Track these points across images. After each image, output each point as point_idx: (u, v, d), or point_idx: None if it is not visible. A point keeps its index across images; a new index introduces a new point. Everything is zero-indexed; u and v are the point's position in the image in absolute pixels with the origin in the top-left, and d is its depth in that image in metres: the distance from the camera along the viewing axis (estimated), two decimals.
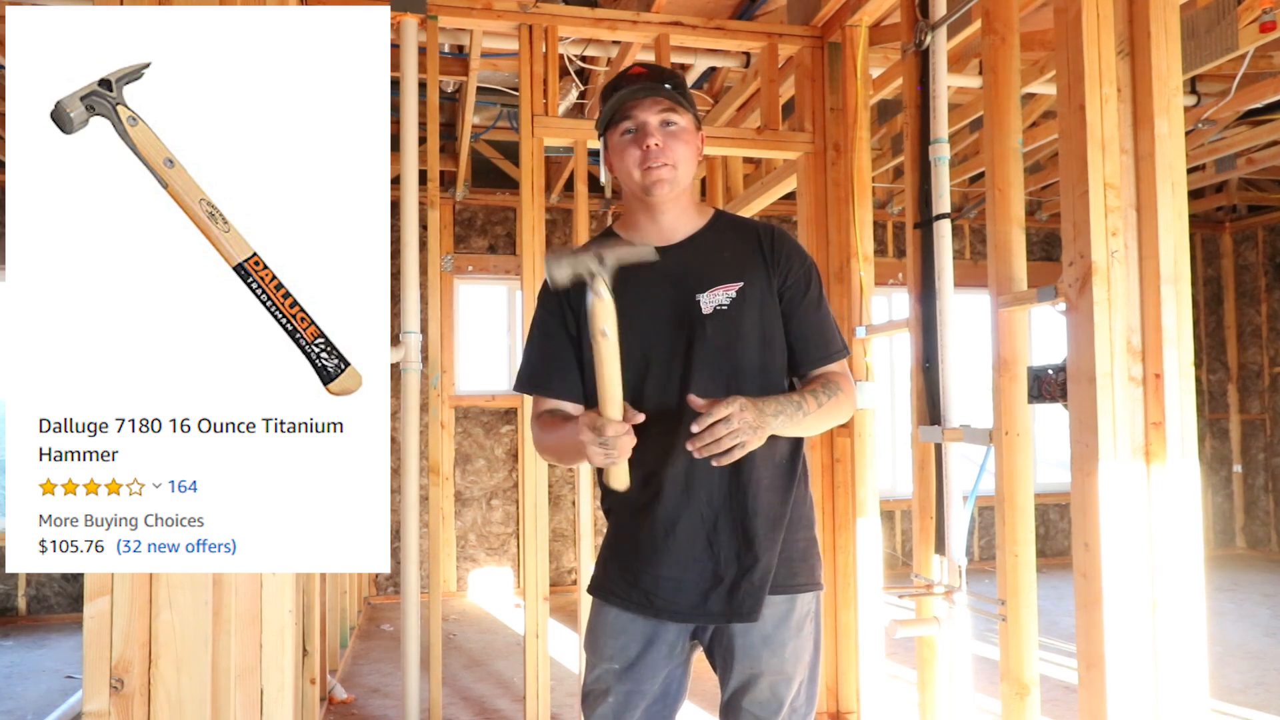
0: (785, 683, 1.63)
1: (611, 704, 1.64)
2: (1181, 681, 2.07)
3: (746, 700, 1.63)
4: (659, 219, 1.65)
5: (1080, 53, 2.15)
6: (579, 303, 1.52)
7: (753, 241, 1.67)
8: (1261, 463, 7.20)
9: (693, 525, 1.58)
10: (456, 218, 6.29)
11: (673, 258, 1.63)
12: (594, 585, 1.70)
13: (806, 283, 1.66)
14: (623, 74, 1.62)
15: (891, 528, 6.73)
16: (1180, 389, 2.10)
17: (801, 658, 1.64)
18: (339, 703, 3.85)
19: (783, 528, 1.63)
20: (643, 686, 1.63)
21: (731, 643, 1.62)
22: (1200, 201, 6.99)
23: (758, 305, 1.61)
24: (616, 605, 1.64)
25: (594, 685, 1.67)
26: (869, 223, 3.49)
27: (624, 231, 1.70)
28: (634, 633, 1.63)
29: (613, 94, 1.60)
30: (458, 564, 6.16)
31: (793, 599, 1.63)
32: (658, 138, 1.58)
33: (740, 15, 3.89)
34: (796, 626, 1.64)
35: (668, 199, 1.62)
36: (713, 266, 1.63)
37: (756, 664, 1.62)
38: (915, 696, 3.22)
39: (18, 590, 5.47)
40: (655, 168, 1.58)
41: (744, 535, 1.59)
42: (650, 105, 1.58)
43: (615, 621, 1.65)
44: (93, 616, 1.75)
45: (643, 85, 1.57)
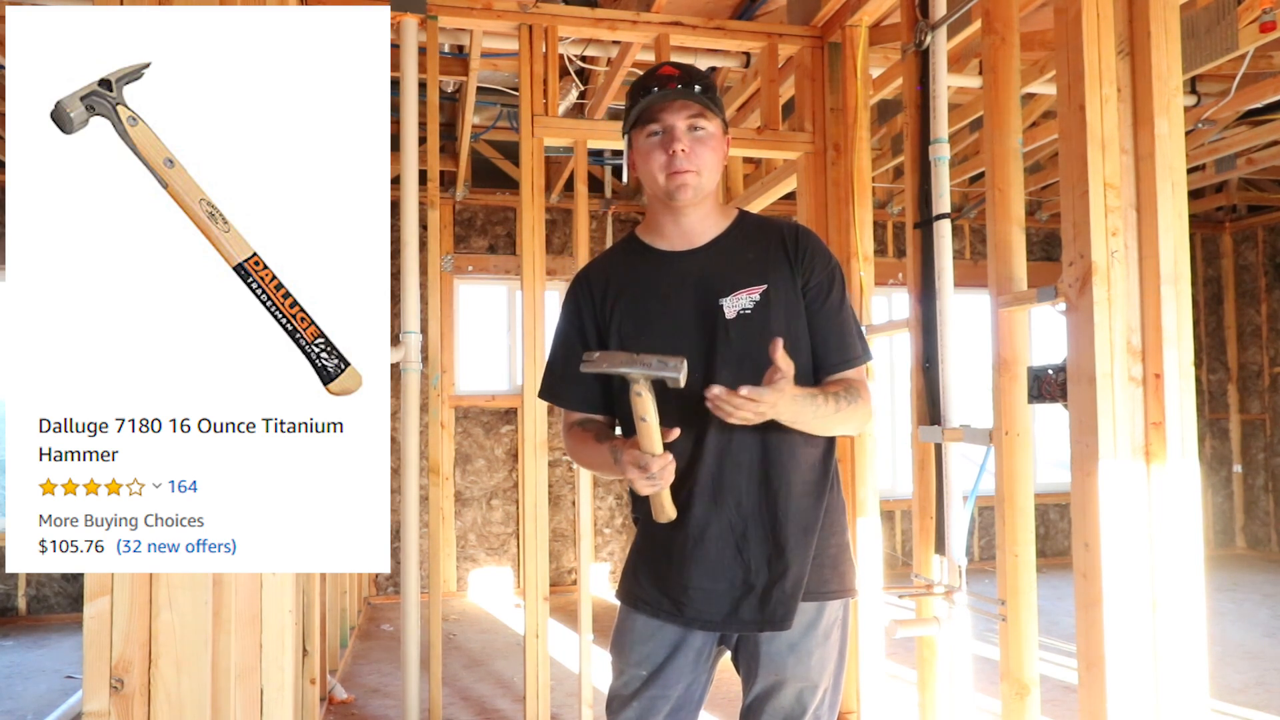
0: (810, 690, 1.61)
1: (636, 708, 1.63)
2: (1181, 681, 2.07)
3: (770, 707, 1.62)
4: (681, 222, 1.64)
5: (1080, 53, 2.15)
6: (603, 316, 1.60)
7: (776, 242, 1.65)
8: (1261, 463, 7.20)
9: (722, 533, 1.56)
10: (456, 218, 6.29)
11: (696, 261, 1.63)
12: (622, 593, 1.69)
13: (829, 285, 1.63)
14: (653, 73, 1.59)
15: (891, 528, 6.73)
16: (1180, 389, 2.10)
17: (827, 666, 1.62)
18: (339, 703, 3.85)
19: (815, 534, 1.60)
20: (668, 692, 1.62)
21: (757, 649, 1.61)
22: (1200, 201, 6.99)
23: (782, 307, 1.59)
24: (645, 613, 1.63)
25: (621, 690, 1.66)
26: (869, 223, 3.49)
27: (646, 236, 1.69)
28: (661, 639, 1.62)
29: (641, 93, 1.57)
30: (458, 564, 6.16)
31: (822, 606, 1.61)
32: (684, 143, 1.56)
33: (740, 15, 3.89)
34: (824, 634, 1.61)
35: (691, 204, 1.60)
36: (736, 270, 1.61)
37: (782, 671, 1.60)
38: (915, 696, 3.22)
39: (18, 590, 5.47)
40: (680, 173, 1.56)
41: (775, 542, 1.56)
42: (679, 109, 1.56)
43: (643, 628, 1.64)
44: (93, 616, 1.75)
45: (674, 89, 1.54)
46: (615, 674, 1.68)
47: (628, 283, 1.65)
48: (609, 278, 1.67)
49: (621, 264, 1.69)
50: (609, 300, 1.65)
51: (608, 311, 1.64)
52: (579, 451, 1.67)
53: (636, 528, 1.71)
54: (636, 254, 1.69)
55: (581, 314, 1.66)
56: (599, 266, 1.73)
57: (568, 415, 1.71)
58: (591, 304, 1.66)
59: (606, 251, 1.79)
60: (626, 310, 1.62)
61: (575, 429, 1.68)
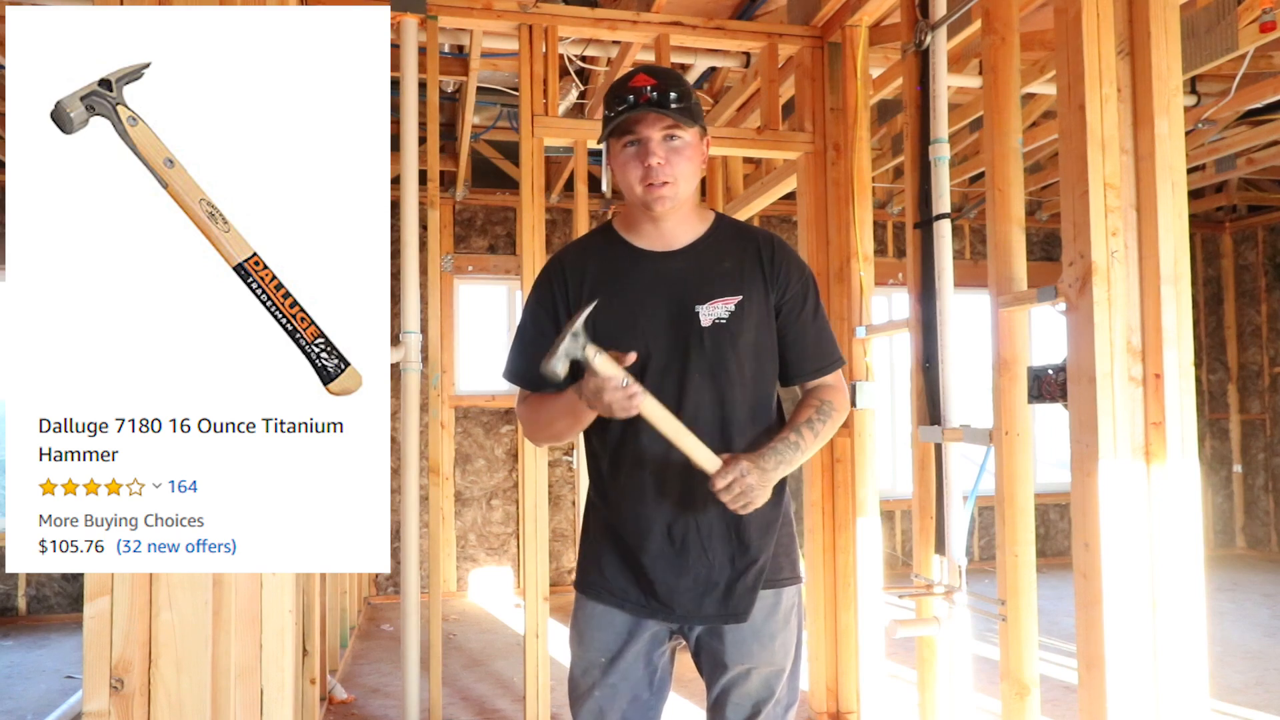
0: (776, 675, 1.66)
1: (599, 697, 1.66)
2: (1181, 681, 2.07)
3: (737, 694, 1.66)
4: (660, 225, 1.66)
5: (1080, 53, 2.15)
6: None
7: (752, 252, 1.67)
8: (1261, 463, 7.20)
9: (686, 531, 1.60)
10: (456, 218, 6.29)
11: (673, 264, 1.65)
12: (581, 583, 1.71)
13: (804, 295, 1.68)
14: (628, 82, 1.58)
15: (891, 528, 6.73)
16: (1180, 389, 2.10)
17: (789, 649, 1.68)
18: (339, 703, 3.85)
19: (775, 530, 1.66)
20: (629, 677, 1.65)
21: (722, 640, 1.64)
22: (1200, 201, 6.99)
23: (755, 319, 1.63)
24: (607, 603, 1.66)
25: (581, 678, 1.69)
26: (869, 223, 3.49)
27: (623, 231, 1.70)
28: (618, 625, 1.65)
29: (616, 100, 1.58)
30: (458, 564, 6.16)
31: (779, 592, 1.67)
32: (660, 155, 1.57)
33: (740, 15, 3.89)
34: (784, 619, 1.67)
35: (669, 211, 1.62)
36: (713, 278, 1.63)
37: (749, 658, 1.64)
38: (915, 696, 3.21)
39: (18, 590, 5.47)
40: (656, 185, 1.58)
41: (738, 540, 1.61)
42: (654, 121, 1.57)
43: (601, 615, 1.67)
44: (93, 616, 1.75)
45: (646, 102, 1.55)
46: (574, 660, 1.71)
47: (603, 277, 1.65)
48: (585, 267, 1.68)
49: (598, 256, 1.69)
50: (584, 290, 1.65)
51: (581, 301, 1.63)
52: (537, 413, 1.66)
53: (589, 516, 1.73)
54: (614, 247, 1.69)
55: (555, 299, 1.67)
56: (574, 254, 1.72)
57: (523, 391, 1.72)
58: (565, 289, 1.67)
59: (582, 239, 1.80)
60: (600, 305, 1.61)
61: (531, 397, 1.69)
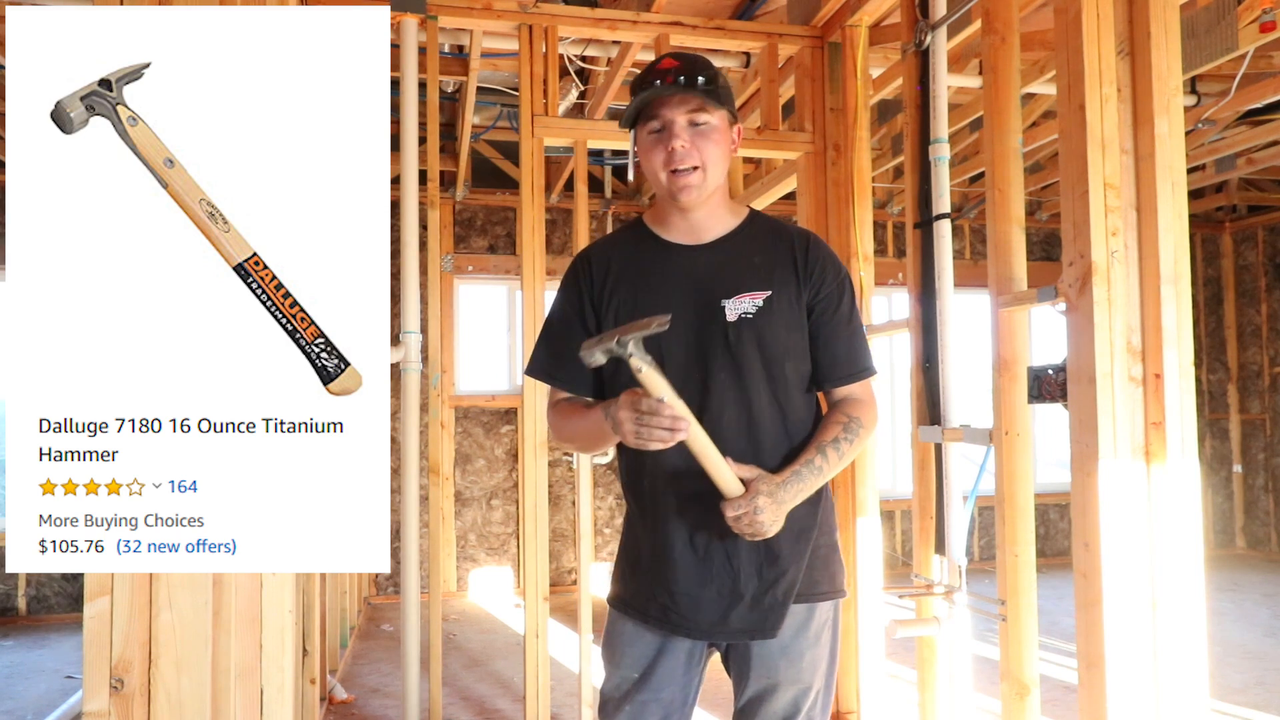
0: (803, 693, 1.60)
1: (628, 713, 1.62)
2: (1181, 681, 2.07)
3: (763, 710, 1.60)
4: (689, 217, 1.61)
5: (1080, 53, 2.15)
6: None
7: (786, 249, 1.61)
8: (1261, 463, 7.20)
9: (710, 539, 1.54)
10: (456, 218, 6.29)
11: (701, 258, 1.60)
12: (612, 597, 1.69)
13: (839, 297, 1.60)
14: (654, 66, 1.55)
15: (891, 528, 6.73)
16: (1180, 389, 2.09)
17: (819, 667, 1.61)
18: (339, 703, 3.85)
19: (811, 539, 1.58)
20: (659, 695, 1.61)
21: (749, 653, 1.59)
22: (1200, 201, 6.98)
23: (783, 317, 1.56)
24: (633, 618, 1.63)
25: (613, 693, 1.65)
26: (869, 223, 3.49)
27: (652, 224, 1.66)
28: (650, 641, 1.61)
29: (641, 85, 1.54)
30: (458, 564, 6.16)
31: (812, 607, 1.60)
32: (684, 139, 1.52)
33: (740, 15, 3.89)
34: (815, 636, 1.60)
35: (697, 202, 1.58)
36: (741, 272, 1.58)
37: (774, 674, 1.58)
38: (915, 696, 3.21)
39: (18, 590, 5.47)
40: (681, 172, 1.53)
41: (766, 549, 1.54)
42: (679, 103, 1.52)
43: (633, 630, 1.63)
44: (93, 616, 1.75)
45: (672, 83, 1.51)
46: (606, 677, 1.68)
47: (629, 269, 1.62)
48: (610, 260, 1.64)
49: (625, 249, 1.66)
50: (609, 283, 1.62)
51: (606, 295, 1.61)
52: (566, 424, 1.62)
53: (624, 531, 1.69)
54: (642, 241, 1.65)
55: (581, 294, 1.63)
56: (601, 248, 1.69)
57: (554, 393, 1.68)
58: (591, 285, 1.63)
59: (611, 234, 1.76)
60: (625, 297, 1.59)
61: (562, 403, 1.65)
